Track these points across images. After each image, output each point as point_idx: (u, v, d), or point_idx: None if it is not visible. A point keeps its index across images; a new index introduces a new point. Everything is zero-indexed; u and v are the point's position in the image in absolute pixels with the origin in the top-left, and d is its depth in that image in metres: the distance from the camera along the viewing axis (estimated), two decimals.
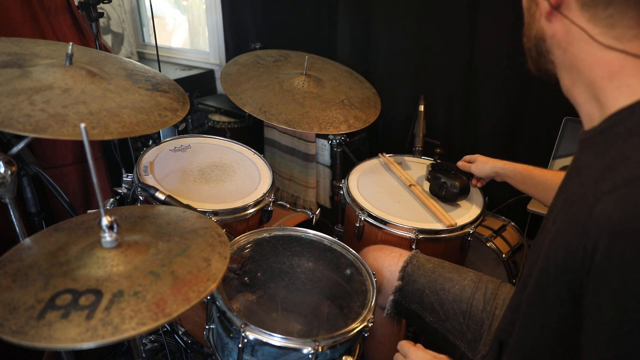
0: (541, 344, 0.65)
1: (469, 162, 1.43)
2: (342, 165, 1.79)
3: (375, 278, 1.12)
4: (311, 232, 1.28)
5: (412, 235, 1.27)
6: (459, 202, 1.40)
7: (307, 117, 1.37)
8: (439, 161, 1.55)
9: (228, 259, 0.78)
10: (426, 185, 1.46)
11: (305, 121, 1.36)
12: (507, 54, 1.78)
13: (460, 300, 1.10)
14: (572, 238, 0.55)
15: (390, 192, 1.46)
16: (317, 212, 1.50)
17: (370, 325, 1.01)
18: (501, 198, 1.88)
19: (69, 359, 1.13)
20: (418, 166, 1.62)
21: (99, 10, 1.61)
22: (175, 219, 0.90)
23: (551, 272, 0.60)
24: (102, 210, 0.70)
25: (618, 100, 0.57)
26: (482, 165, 1.37)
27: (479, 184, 1.44)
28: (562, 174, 1.11)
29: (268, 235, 1.26)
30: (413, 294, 1.15)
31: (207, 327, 1.13)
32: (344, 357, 0.98)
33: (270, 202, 1.36)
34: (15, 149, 0.93)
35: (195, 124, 2.67)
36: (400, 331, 1.31)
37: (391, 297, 1.16)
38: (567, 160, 1.67)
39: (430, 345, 0.98)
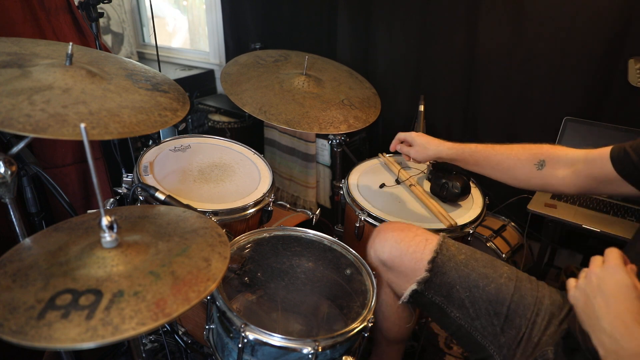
0: None
1: (405, 143, 1.29)
2: (342, 165, 1.79)
3: (375, 278, 1.12)
4: (311, 232, 1.28)
5: None
6: (459, 202, 1.40)
7: (307, 117, 1.37)
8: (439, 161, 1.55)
9: (228, 259, 0.78)
10: (426, 185, 1.46)
11: (305, 121, 1.36)
12: (507, 53, 1.78)
13: (496, 301, 1.01)
14: None
15: (390, 192, 1.46)
16: (317, 212, 1.50)
17: (370, 325, 1.01)
18: (501, 198, 1.89)
19: (69, 359, 1.13)
20: (418, 166, 1.62)
21: (99, 10, 1.61)
22: (175, 219, 0.90)
23: None
24: (102, 210, 0.70)
25: None
26: (422, 150, 1.24)
27: (410, 160, 1.32)
28: (518, 147, 1.12)
29: (268, 235, 1.26)
30: (440, 287, 1.04)
31: (207, 327, 1.13)
32: (344, 357, 0.99)
33: (270, 202, 1.36)
34: (15, 149, 0.93)
35: (195, 124, 2.67)
36: (415, 315, 1.26)
37: (413, 287, 1.06)
38: None
39: (454, 341, 0.93)
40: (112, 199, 1.16)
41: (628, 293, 0.67)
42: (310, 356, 0.92)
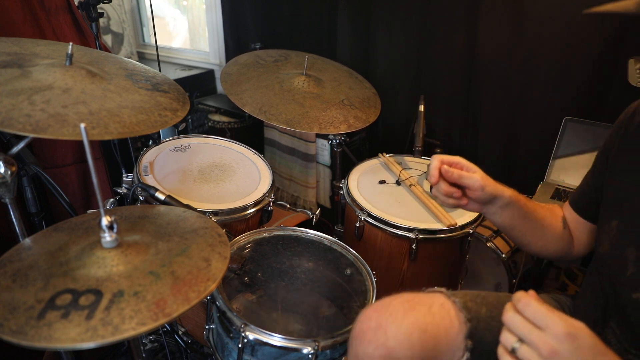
0: None
1: (456, 166, 0.88)
2: (342, 165, 1.79)
3: (375, 278, 1.12)
4: (311, 232, 1.28)
5: (412, 235, 1.27)
6: None
7: (307, 117, 1.37)
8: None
9: (228, 259, 0.78)
10: (426, 185, 1.46)
11: (305, 121, 1.36)
12: (507, 53, 1.78)
13: None
14: None
15: (390, 192, 1.46)
16: (317, 212, 1.50)
17: None
18: None
19: (69, 359, 1.13)
20: (418, 166, 1.62)
21: (99, 10, 1.61)
22: (175, 219, 0.90)
23: None
24: (102, 210, 0.70)
25: None
26: (485, 180, 0.88)
27: (463, 202, 0.90)
28: (543, 204, 1.00)
29: (268, 235, 1.26)
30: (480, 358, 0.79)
31: (207, 327, 1.13)
32: (344, 357, 0.98)
33: (270, 202, 1.36)
34: (15, 149, 0.93)
35: (195, 124, 2.67)
36: None
37: None
38: (567, 161, 1.67)
39: None
40: (112, 199, 1.16)
41: (605, 355, 0.58)
42: (310, 356, 0.92)
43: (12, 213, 0.96)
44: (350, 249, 1.22)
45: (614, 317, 0.81)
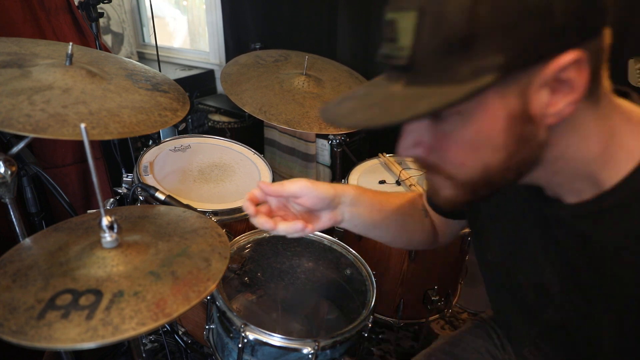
0: None
1: (281, 194, 0.77)
2: (342, 165, 1.79)
3: (375, 278, 1.12)
4: None
5: None
6: None
7: (307, 117, 1.37)
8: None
9: (228, 259, 0.78)
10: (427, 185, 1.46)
11: (305, 121, 1.36)
12: None
13: None
14: None
15: (390, 192, 1.46)
16: None
17: (370, 325, 1.01)
18: None
19: (69, 359, 1.13)
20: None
21: (99, 10, 1.61)
22: (175, 219, 0.90)
23: None
24: (102, 210, 0.70)
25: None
26: (315, 191, 0.75)
27: (309, 227, 0.75)
28: (400, 194, 0.92)
29: (268, 235, 1.26)
30: None
31: (207, 327, 1.13)
32: (343, 357, 0.99)
33: None
34: (15, 149, 0.93)
35: (195, 124, 2.67)
36: None
37: None
38: None
39: None
40: (112, 199, 1.16)
41: None
42: (310, 356, 0.92)
43: (12, 213, 0.95)
44: (350, 249, 1.22)
45: (538, 334, 0.74)
